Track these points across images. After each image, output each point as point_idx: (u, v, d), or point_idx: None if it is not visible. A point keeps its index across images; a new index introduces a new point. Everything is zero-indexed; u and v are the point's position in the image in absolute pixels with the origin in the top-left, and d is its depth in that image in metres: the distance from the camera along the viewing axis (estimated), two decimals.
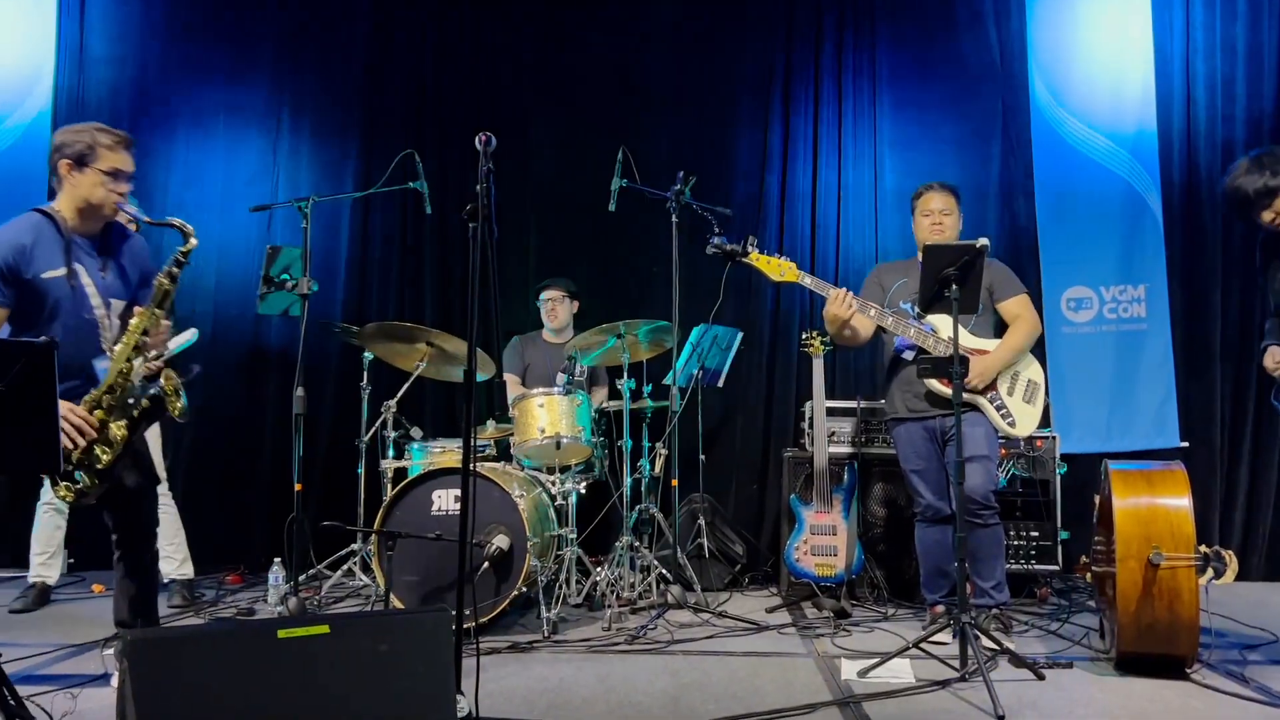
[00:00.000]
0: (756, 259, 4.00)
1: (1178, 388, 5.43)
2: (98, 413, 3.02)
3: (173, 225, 3.19)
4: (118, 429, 3.04)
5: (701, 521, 5.00)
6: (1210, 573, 3.30)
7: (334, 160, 5.86)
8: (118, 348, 3.08)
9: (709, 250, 4.08)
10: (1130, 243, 5.51)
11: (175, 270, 3.13)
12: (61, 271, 3.09)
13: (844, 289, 3.95)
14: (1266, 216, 3.36)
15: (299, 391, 4.21)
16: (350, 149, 5.85)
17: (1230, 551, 3.37)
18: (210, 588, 4.95)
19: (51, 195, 3.25)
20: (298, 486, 4.27)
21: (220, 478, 5.61)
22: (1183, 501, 3.37)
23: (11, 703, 2.57)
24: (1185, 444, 5.35)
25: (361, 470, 4.82)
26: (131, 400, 3.08)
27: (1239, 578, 3.37)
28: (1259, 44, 5.64)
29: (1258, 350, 5.47)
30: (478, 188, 2.79)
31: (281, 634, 2.32)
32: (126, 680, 2.14)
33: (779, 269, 3.99)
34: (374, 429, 4.74)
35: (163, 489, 4.59)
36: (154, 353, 3.10)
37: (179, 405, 3.09)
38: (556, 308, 5.32)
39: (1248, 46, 5.66)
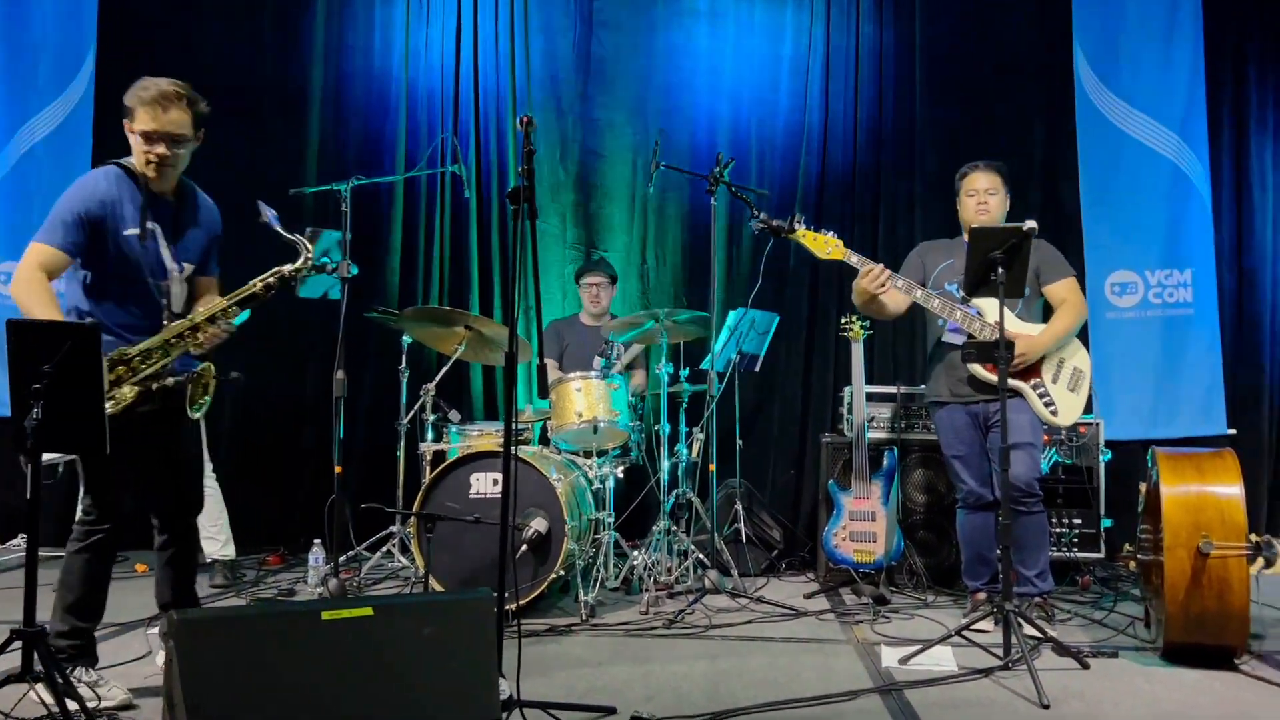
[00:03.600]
0: (803, 235, 3.96)
1: (1225, 374, 5.32)
2: (119, 369, 2.86)
3: (298, 244, 3.06)
4: (130, 391, 2.87)
5: (738, 506, 4.98)
6: (1261, 562, 3.24)
7: (374, 143, 5.86)
8: (176, 322, 2.96)
9: (755, 226, 4.04)
10: (1176, 226, 5.41)
11: (274, 283, 3.01)
12: (136, 230, 2.95)
13: (880, 265, 3.90)
14: None
15: (339, 374, 4.23)
16: (390, 132, 5.85)
17: None
18: (251, 568, 5.00)
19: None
20: (338, 469, 4.30)
21: (261, 459, 5.66)
22: (1234, 489, 3.31)
23: (59, 680, 2.59)
24: (1233, 431, 5.25)
25: (400, 453, 4.84)
26: (159, 375, 2.92)
27: None
28: None
29: None
30: (520, 169, 2.78)
31: (326, 615, 2.33)
32: (173, 660, 2.15)
33: (824, 245, 3.94)
34: (413, 412, 4.76)
35: (207, 470, 4.63)
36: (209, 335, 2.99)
37: (201, 400, 2.96)
38: (600, 293, 5.31)
39: None
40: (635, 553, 4.49)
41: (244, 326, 4.75)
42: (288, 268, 3.03)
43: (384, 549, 4.75)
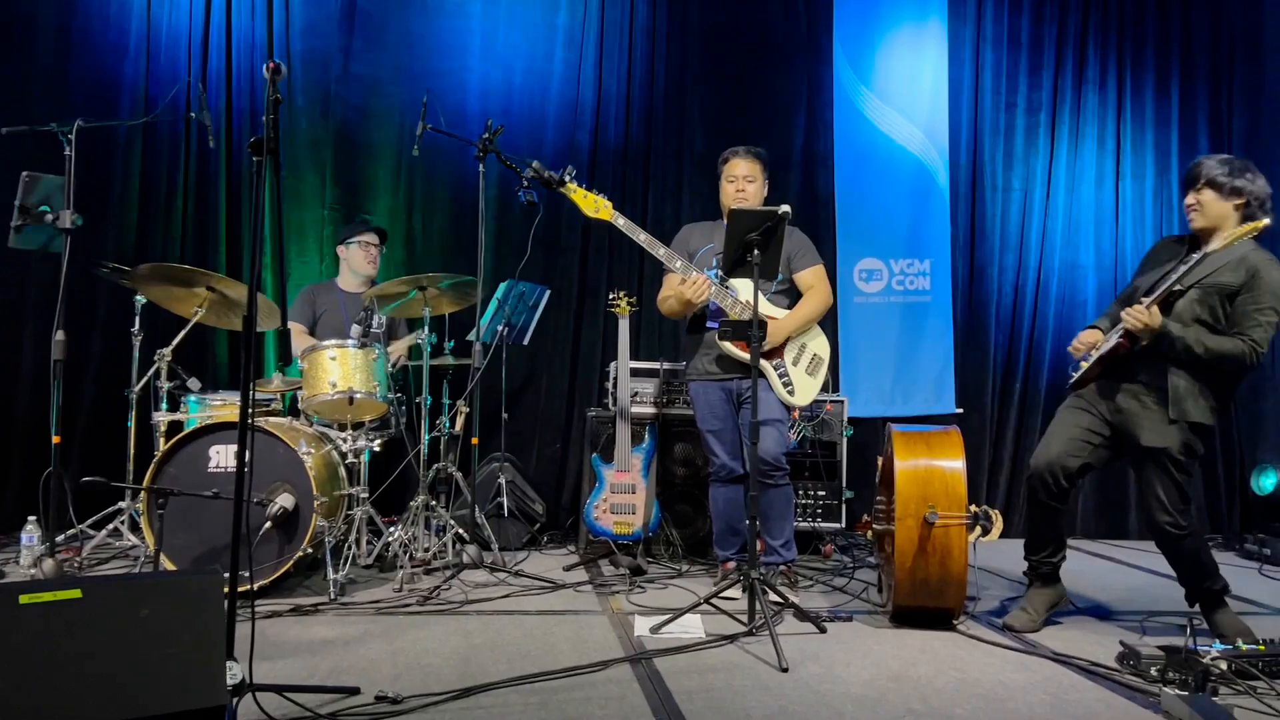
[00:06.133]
0: (573, 190, 3.95)
1: (956, 357, 5.77)
2: None
3: None
4: None
5: (502, 480, 4.93)
6: (978, 530, 3.52)
7: (109, 84, 5.32)
8: None
9: (527, 174, 3.99)
10: (919, 218, 5.80)
11: None
12: None
13: (704, 275, 3.95)
14: (1189, 199, 3.52)
15: (58, 336, 3.84)
16: (128, 72, 5.33)
17: (996, 511, 3.60)
18: None
19: None
20: (55, 439, 3.91)
21: None
22: (957, 464, 3.57)
23: None
24: (960, 410, 5.71)
25: (131, 423, 4.45)
26: None
27: (1002, 535, 3.61)
28: (1040, 36, 6.05)
29: (1027, 325, 5.96)
30: (265, 119, 2.58)
31: (24, 599, 2.10)
32: None
33: (594, 204, 3.95)
34: (145, 379, 4.39)
35: None
36: None
37: None
38: (377, 254, 5.07)
39: (1030, 38, 6.05)
40: (391, 529, 4.34)
41: None
42: None
43: (110, 527, 4.37)
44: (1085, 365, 3.61)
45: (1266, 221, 3.35)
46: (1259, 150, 6.02)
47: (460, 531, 4.41)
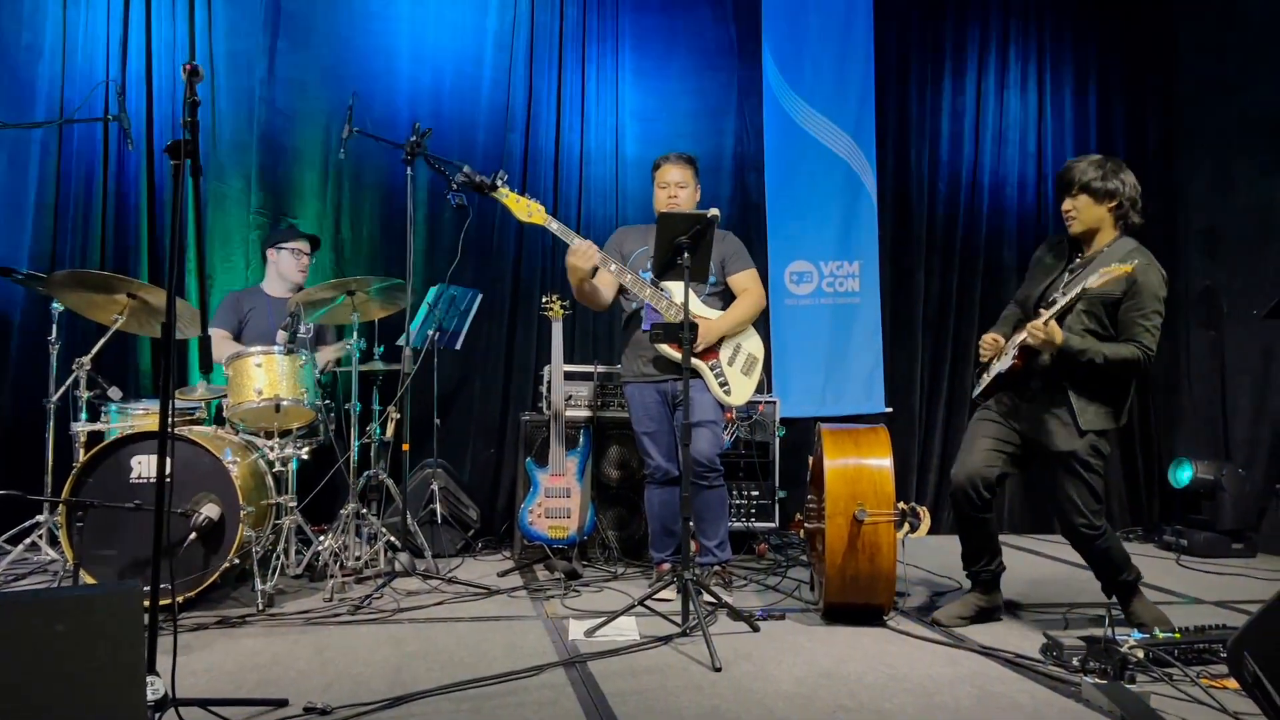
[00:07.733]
0: (505, 195, 3.94)
1: (885, 358, 5.87)
2: None
3: None
4: None
5: (434, 487, 4.88)
6: (907, 527, 3.59)
7: (23, 85, 5.16)
8: None
9: (458, 179, 3.97)
10: (848, 221, 5.88)
11: None
12: None
13: (589, 241, 3.95)
14: (1065, 204, 3.61)
15: None
16: (43, 73, 5.17)
17: (924, 508, 3.67)
18: None
19: None
20: None
21: None
22: (885, 462, 3.64)
23: None
24: (889, 409, 5.80)
25: (49, 434, 4.32)
26: None
27: (930, 532, 3.68)
28: (963, 41, 6.21)
29: (953, 326, 6.09)
30: (183, 121, 2.54)
31: None
32: None
33: (527, 209, 3.94)
34: (64, 388, 4.26)
35: None
36: None
37: None
38: (307, 262, 4.97)
39: (953, 44, 6.20)
40: (321, 538, 4.28)
41: None
42: None
43: (28, 541, 4.23)
44: (987, 378, 3.70)
45: (1138, 261, 3.42)
46: (1175, 154, 6.23)
47: (392, 539, 4.35)
